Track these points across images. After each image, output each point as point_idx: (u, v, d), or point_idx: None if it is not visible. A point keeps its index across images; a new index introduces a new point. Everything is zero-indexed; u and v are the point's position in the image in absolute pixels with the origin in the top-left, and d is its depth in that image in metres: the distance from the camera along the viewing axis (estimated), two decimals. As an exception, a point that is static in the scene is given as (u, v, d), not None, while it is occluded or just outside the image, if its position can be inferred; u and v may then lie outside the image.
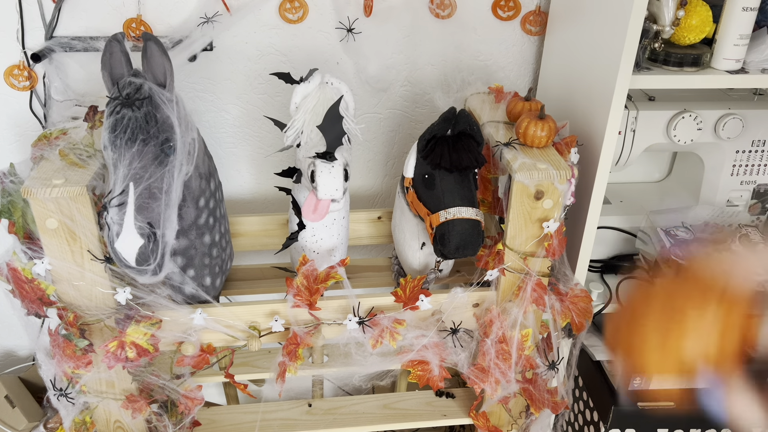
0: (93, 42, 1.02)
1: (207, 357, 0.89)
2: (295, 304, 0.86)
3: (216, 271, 0.95)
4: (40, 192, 0.75)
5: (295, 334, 0.88)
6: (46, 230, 0.78)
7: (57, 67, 1.05)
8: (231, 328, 0.89)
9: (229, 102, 1.13)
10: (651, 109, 1.01)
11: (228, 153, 1.18)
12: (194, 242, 0.88)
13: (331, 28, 1.08)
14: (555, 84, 1.08)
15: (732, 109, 1.03)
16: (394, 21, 1.08)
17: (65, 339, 0.83)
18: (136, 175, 0.74)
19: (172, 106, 0.78)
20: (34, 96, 1.07)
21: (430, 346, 0.91)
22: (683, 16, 0.88)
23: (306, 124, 0.90)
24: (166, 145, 0.76)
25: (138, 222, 0.73)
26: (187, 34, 1.02)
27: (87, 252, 0.80)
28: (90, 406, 0.92)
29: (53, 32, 1.03)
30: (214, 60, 1.09)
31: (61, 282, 0.82)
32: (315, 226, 0.95)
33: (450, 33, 1.11)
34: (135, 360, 0.84)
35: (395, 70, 1.13)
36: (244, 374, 1.02)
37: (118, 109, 0.74)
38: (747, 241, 0.92)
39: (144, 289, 0.84)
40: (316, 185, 0.85)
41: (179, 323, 0.86)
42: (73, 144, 0.83)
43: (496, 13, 1.10)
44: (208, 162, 0.91)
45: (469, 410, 1.05)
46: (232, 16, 1.03)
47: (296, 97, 0.91)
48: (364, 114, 1.17)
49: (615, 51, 0.83)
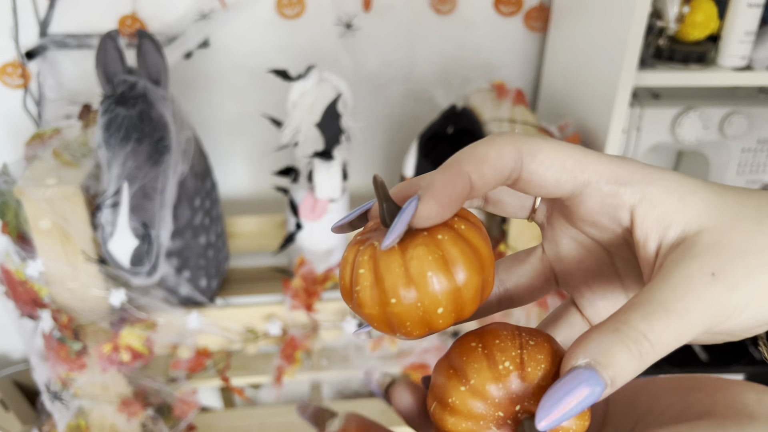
0: (87, 39, 1.01)
1: (203, 360, 0.88)
2: (293, 306, 0.85)
3: (212, 273, 0.94)
4: (33, 192, 0.74)
5: (292, 337, 0.87)
6: (39, 231, 0.77)
7: (51, 65, 1.04)
8: (227, 331, 0.87)
9: (225, 100, 1.12)
10: (656, 107, 1.00)
11: (224, 152, 1.17)
12: (189, 243, 0.87)
13: (330, 24, 1.06)
14: (558, 81, 1.07)
15: (737, 106, 1.02)
16: (394, 17, 1.07)
17: (59, 341, 0.82)
18: (130, 175, 0.73)
19: (167, 104, 0.76)
20: (28, 94, 1.06)
21: (430, 350, 0.89)
22: (688, 13, 0.86)
23: (303, 123, 0.88)
24: (161, 144, 0.75)
25: (132, 222, 0.72)
26: (182, 30, 1.01)
27: (81, 253, 0.79)
28: (84, 409, 0.91)
29: (47, 29, 1.02)
30: (210, 57, 1.07)
31: (55, 283, 0.81)
32: (313, 227, 0.94)
33: (451, 29, 1.09)
34: (130, 363, 0.83)
35: (395, 67, 1.12)
36: (241, 378, 1.01)
37: (112, 108, 0.73)
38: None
39: (138, 290, 0.83)
40: (314, 184, 0.84)
41: (174, 326, 0.85)
42: (67, 143, 0.81)
43: (498, 8, 1.08)
44: (203, 161, 0.89)
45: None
46: (228, 12, 1.01)
47: (294, 95, 0.89)
48: (362, 112, 1.16)
49: (619, 47, 0.82)
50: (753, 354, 1.02)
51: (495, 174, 0.25)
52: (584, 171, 0.25)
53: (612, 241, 0.27)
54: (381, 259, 0.25)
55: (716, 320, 0.23)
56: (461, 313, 0.25)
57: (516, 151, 0.25)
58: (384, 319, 0.25)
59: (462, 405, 0.24)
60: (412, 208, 0.24)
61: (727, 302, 0.23)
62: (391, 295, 0.24)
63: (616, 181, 0.25)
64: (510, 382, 0.24)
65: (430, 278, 0.24)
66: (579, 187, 0.25)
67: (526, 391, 0.24)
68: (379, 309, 0.25)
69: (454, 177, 0.24)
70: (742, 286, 0.23)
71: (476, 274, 0.25)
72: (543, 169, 0.25)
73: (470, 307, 0.25)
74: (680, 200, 0.24)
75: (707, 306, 0.22)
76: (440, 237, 0.25)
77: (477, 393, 0.24)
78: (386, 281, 0.24)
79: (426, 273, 0.24)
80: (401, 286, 0.24)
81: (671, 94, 1.03)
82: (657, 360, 0.22)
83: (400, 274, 0.24)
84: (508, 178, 0.25)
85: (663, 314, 0.22)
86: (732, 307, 0.23)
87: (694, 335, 0.23)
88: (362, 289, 0.25)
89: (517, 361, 0.24)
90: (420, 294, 0.24)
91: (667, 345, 0.22)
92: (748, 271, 0.23)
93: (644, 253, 0.25)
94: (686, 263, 0.23)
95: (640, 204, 0.25)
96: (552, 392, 0.22)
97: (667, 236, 0.24)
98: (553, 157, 0.25)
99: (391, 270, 0.24)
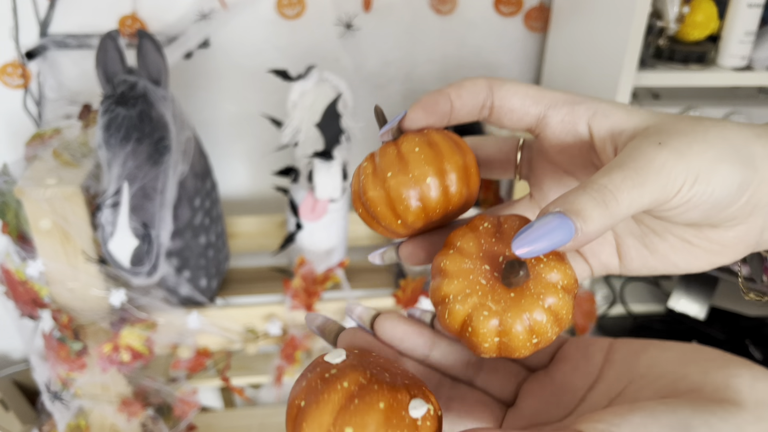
0: (87, 39, 1.01)
1: (203, 360, 0.88)
2: (293, 306, 0.85)
3: (212, 273, 0.94)
4: (34, 192, 0.74)
5: (292, 337, 0.87)
6: (39, 231, 0.77)
7: (51, 65, 1.04)
8: (227, 331, 0.87)
9: (225, 100, 1.12)
10: (656, 107, 1.00)
11: (224, 152, 1.17)
12: (189, 243, 0.87)
13: (330, 24, 1.06)
14: (558, 81, 1.07)
15: (737, 106, 1.02)
16: (394, 17, 1.07)
17: (59, 341, 0.82)
18: (130, 175, 0.73)
19: (167, 104, 0.76)
20: (28, 94, 1.06)
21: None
22: (688, 13, 0.86)
23: (304, 123, 0.88)
24: (161, 144, 0.75)
25: (132, 222, 0.72)
26: (182, 30, 1.01)
27: (81, 253, 0.79)
28: (85, 409, 0.91)
29: (47, 29, 1.02)
30: (210, 57, 1.07)
31: (55, 283, 0.81)
32: (313, 227, 0.94)
33: (451, 29, 1.09)
34: (130, 363, 0.82)
35: (395, 67, 1.12)
36: (241, 378, 1.01)
37: (112, 108, 0.73)
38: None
39: (139, 290, 0.83)
40: (314, 185, 0.84)
41: (174, 326, 0.85)
42: (67, 143, 0.81)
43: (498, 8, 1.08)
44: (203, 161, 0.89)
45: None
46: (228, 12, 1.01)
47: (294, 95, 0.89)
48: (362, 112, 1.16)
49: (619, 47, 0.82)
50: (753, 354, 1.02)
51: (471, 97, 0.30)
52: (544, 97, 0.30)
53: (582, 166, 0.31)
54: (378, 153, 0.30)
55: (668, 188, 0.25)
56: (448, 192, 0.29)
57: (486, 81, 0.30)
58: (385, 197, 0.29)
59: (453, 265, 0.28)
60: (402, 114, 0.30)
61: (675, 168, 0.25)
62: (387, 170, 0.29)
63: (572, 102, 0.30)
64: (491, 238, 0.28)
65: (417, 153, 0.29)
66: (542, 111, 0.30)
67: (505, 244, 0.28)
68: (379, 187, 0.29)
69: (437, 94, 0.30)
70: (688, 156, 0.26)
71: (458, 156, 0.29)
72: (510, 96, 0.30)
73: (457, 186, 0.29)
74: (628, 112, 0.29)
75: (658, 168, 0.25)
76: (425, 132, 0.30)
77: (464, 253, 0.28)
78: (383, 163, 0.29)
79: (414, 149, 0.29)
80: (395, 161, 0.29)
81: (671, 94, 1.03)
82: (621, 217, 0.25)
83: (393, 154, 0.29)
84: (482, 105, 0.30)
85: (619, 170, 0.25)
86: (681, 176, 0.25)
87: (651, 197, 0.25)
88: (365, 176, 0.30)
89: (495, 222, 0.29)
90: (411, 165, 0.28)
91: (628, 199, 0.25)
92: (692, 145, 0.26)
93: (605, 158, 0.29)
94: (636, 141, 0.27)
95: (594, 117, 0.29)
96: (526, 227, 0.25)
97: (620, 140, 0.28)
98: (517, 88, 0.30)
99: (387, 154, 0.29)
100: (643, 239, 0.31)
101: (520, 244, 0.25)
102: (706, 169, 0.25)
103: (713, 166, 0.25)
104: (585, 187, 0.25)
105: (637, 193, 0.25)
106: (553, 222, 0.24)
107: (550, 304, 0.26)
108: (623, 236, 0.32)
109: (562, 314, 0.26)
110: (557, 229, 0.24)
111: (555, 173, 0.33)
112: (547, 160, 0.32)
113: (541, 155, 0.33)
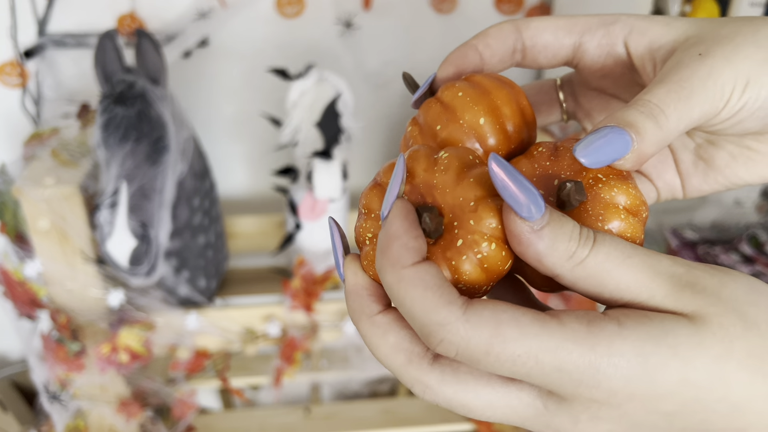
0: (85, 38, 1.00)
1: (202, 361, 0.88)
2: (292, 306, 0.84)
3: (211, 273, 0.93)
4: (32, 192, 0.74)
5: (292, 338, 0.86)
6: (37, 231, 0.76)
7: (49, 64, 1.04)
8: (226, 332, 0.87)
9: (224, 99, 1.11)
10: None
11: (223, 151, 1.16)
12: (188, 243, 0.86)
13: (330, 22, 1.06)
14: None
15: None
16: (394, 16, 1.06)
17: (57, 342, 0.82)
18: (129, 175, 0.72)
19: (166, 103, 0.76)
20: (26, 94, 1.05)
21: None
22: (690, 12, 0.86)
23: (303, 122, 0.88)
24: (160, 144, 0.74)
25: (131, 222, 0.72)
26: (181, 29, 1.00)
27: (79, 253, 0.78)
28: (83, 410, 0.90)
29: (45, 28, 1.01)
30: (209, 56, 1.07)
31: (53, 284, 0.80)
32: (312, 227, 0.93)
33: (451, 28, 1.09)
34: (128, 364, 0.82)
35: (395, 66, 1.12)
36: (240, 379, 1.01)
37: (111, 107, 0.73)
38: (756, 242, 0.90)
39: (137, 291, 0.82)
40: (314, 184, 0.83)
41: (173, 326, 0.84)
42: (65, 143, 0.81)
43: (498, 7, 1.08)
44: (202, 161, 0.89)
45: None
46: (227, 11, 1.01)
47: (293, 94, 0.89)
48: (362, 112, 1.15)
49: (621, 46, 0.81)
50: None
51: (499, 44, 0.28)
52: (576, 24, 0.28)
53: (628, 88, 0.30)
54: (421, 111, 0.28)
55: (717, 98, 0.24)
56: (506, 130, 0.27)
57: (512, 24, 0.28)
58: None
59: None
60: (432, 75, 0.29)
61: (721, 76, 0.24)
62: (436, 123, 0.26)
63: (606, 23, 0.28)
64: (545, 161, 0.26)
65: (462, 97, 0.26)
66: (577, 39, 0.28)
67: (560, 166, 0.26)
68: (432, 145, 0.26)
69: (464, 47, 0.28)
70: (735, 61, 0.24)
71: (506, 89, 0.27)
72: (540, 32, 0.28)
73: (513, 122, 0.27)
74: (666, 25, 0.27)
75: (703, 79, 0.24)
76: (463, 77, 0.28)
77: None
78: (428, 118, 0.27)
79: (457, 94, 0.27)
80: (441, 113, 0.27)
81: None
82: (673, 133, 0.24)
83: (437, 107, 0.27)
84: (513, 49, 0.28)
85: (661, 85, 0.24)
86: (730, 83, 0.24)
87: (702, 110, 0.24)
88: (413, 138, 0.28)
89: (551, 147, 0.27)
90: (459, 111, 0.26)
91: (675, 113, 0.24)
92: (738, 49, 0.24)
93: (646, 78, 0.28)
94: (676, 55, 0.25)
95: (630, 35, 0.27)
96: (582, 138, 0.24)
97: (659, 56, 0.27)
98: (546, 22, 0.28)
99: (430, 109, 0.27)
100: (699, 152, 0.30)
101: (580, 153, 0.23)
102: (756, 72, 0.24)
103: (765, 68, 0.24)
104: (631, 105, 0.24)
105: (683, 107, 0.24)
106: (610, 134, 0.23)
107: (612, 227, 0.24)
108: (679, 151, 0.31)
109: (627, 237, 0.24)
110: (614, 141, 0.23)
111: (602, 100, 0.31)
112: (591, 88, 0.31)
113: (584, 86, 0.32)
